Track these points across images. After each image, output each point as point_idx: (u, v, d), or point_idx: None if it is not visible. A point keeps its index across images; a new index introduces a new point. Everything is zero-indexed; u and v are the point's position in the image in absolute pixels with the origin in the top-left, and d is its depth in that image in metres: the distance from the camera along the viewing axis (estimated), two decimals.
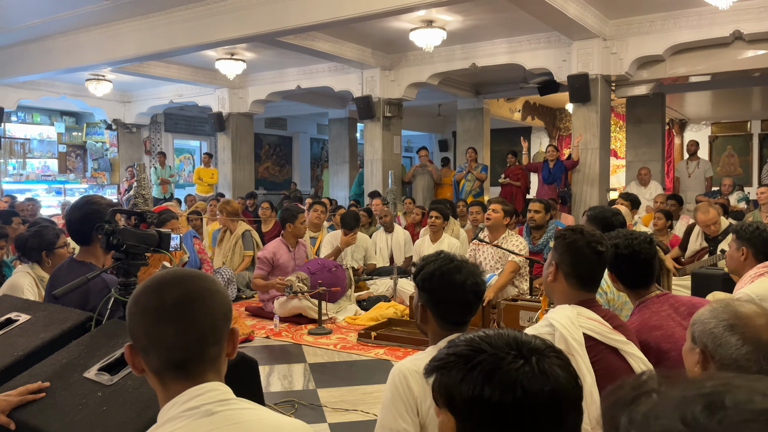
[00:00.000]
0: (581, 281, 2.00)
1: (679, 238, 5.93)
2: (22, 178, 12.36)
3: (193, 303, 1.15)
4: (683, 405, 0.52)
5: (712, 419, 0.49)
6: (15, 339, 2.27)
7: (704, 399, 0.52)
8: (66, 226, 2.91)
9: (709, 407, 0.51)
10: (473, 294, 1.79)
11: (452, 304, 1.79)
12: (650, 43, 7.83)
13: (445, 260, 1.82)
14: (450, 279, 1.77)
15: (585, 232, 2.02)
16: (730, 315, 1.35)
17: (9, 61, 9.80)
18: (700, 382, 0.55)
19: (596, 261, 2.00)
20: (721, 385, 0.53)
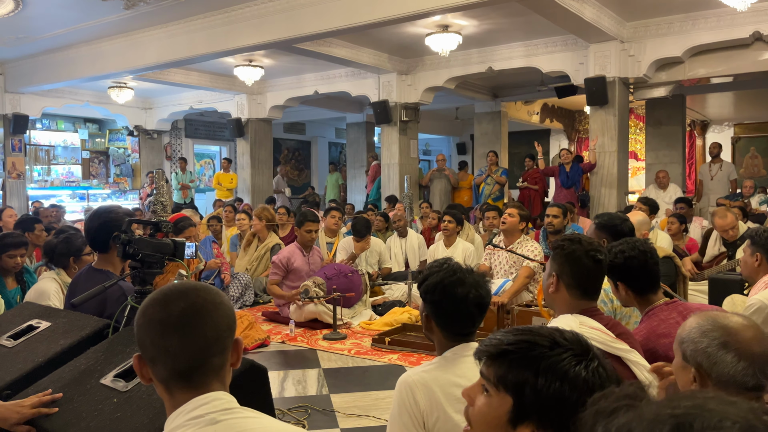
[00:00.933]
0: (582, 290, 2.01)
1: (696, 241, 5.87)
2: (47, 184, 12.62)
3: (197, 315, 1.19)
4: (654, 423, 0.53)
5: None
6: (36, 345, 2.34)
7: (675, 420, 0.52)
8: (84, 235, 2.99)
9: (676, 429, 0.51)
10: (476, 307, 1.79)
11: (454, 317, 1.78)
12: (669, 45, 7.75)
13: (447, 272, 1.81)
14: (452, 292, 1.77)
15: (583, 241, 2.03)
16: (720, 332, 1.34)
17: (34, 70, 10.03)
18: (677, 402, 0.55)
19: (596, 269, 2.00)
20: (695, 407, 0.54)
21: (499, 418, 1.03)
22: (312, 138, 16.95)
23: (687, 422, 0.52)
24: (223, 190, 12.27)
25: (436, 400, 1.67)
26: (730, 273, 4.63)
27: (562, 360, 1.01)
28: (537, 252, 4.98)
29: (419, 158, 11.56)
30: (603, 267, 2.03)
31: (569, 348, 1.03)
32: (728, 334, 1.34)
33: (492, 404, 1.04)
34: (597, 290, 2.05)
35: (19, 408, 1.84)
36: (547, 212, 5.58)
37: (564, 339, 1.04)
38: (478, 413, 1.07)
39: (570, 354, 1.02)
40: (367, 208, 9.63)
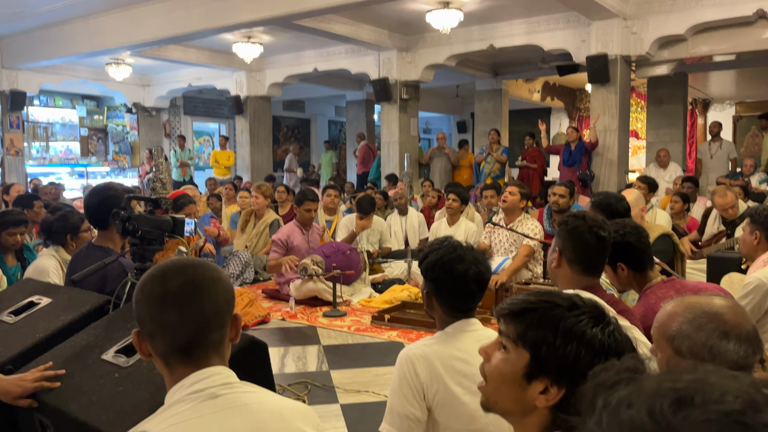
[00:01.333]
0: (584, 267, 2.02)
1: (697, 220, 5.87)
2: (46, 161, 12.60)
3: (195, 290, 1.19)
4: (655, 397, 0.53)
5: (677, 415, 0.51)
6: (37, 321, 2.35)
7: (675, 393, 0.53)
8: (84, 212, 2.99)
9: (677, 402, 0.52)
10: (475, 283, 1.80)
11: (455, 293, 1.80)
12: (672, 23, 7.68)
13: (447, 249, 1.82)
14: (451, 269, 1.78)
15: (587, 217, 2.03)
16: (715, 323, 1.32)
17: (31, 46, 9.94)
18: (678, 375, 0.56)
19: (599, 246, 2.01)
20: (696, 381, 0.54)
21: (515, 372, 1.08)
22: (311, 116, 16.87)
23: (688, 396, 0.52)
24: (221, 167, 12.25)
25: (436, 372, 1.70)
26: (728, 251, 4.64)
27: (579, 321, 1.05)
28: (537, 230, 4.99)
29: (419, 137, 11.51)
30: (606, 244, 2.03)
31: (587, 311, 1.07)
32: (722, 322, 1.32)
33: (509, 359, 1.09)
34: (599, 267, 2.06)
35: (21, 382, 1.86)
36: (554, 191, 5.55)
37: (582, 302, 1.09)
38: (494, 368, 1.13)
39: (587, 316, 1.06)
40: (367, 186, 9.61)
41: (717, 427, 0.49)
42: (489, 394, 1.15)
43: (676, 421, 0.50)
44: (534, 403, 1.07)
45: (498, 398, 1.13)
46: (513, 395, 1.09)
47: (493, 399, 1.14)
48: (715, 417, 0.50)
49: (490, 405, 1.16)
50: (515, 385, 1.09)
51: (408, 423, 1.70)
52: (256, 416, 1.18)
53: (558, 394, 1.05)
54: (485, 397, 1.16)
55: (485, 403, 1.17)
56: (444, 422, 1.70)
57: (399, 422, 1.71)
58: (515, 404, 1.10)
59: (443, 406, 1.69)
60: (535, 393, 1.06)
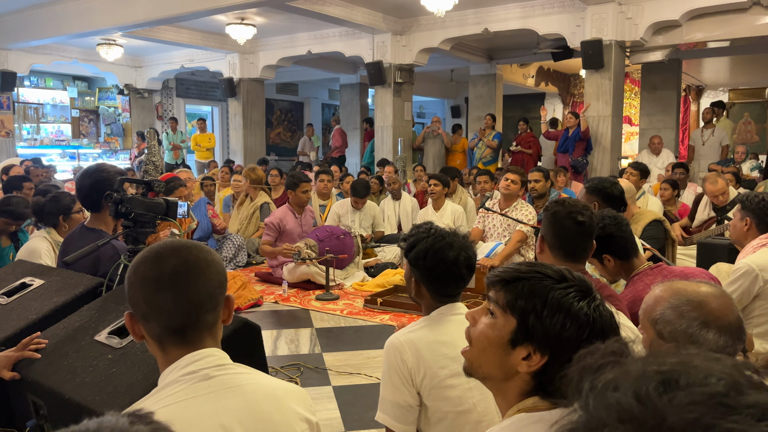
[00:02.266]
0: (565, 252, 2.04)
1: (688, 206, 5.91)
2: (37, 143, 12.48)
3: (190, 272, 1.19)
4: (640, 380, 0.54)
5: (663, 397, 0.51)
6: (29, 303, 2.35)
7: (661, 376, 0.53)
8: (76, 194, 2.98)
9: (662, 385, 0.52)
10: (466, 268, 1.83)
11: (446, 279, 1.82)
12: (666, 8, 7.66)
13: (436, 237, 1.84)
14: (443, 256, 1.80)
15: (566, 203, 2.05)
16: (697, 312, 1.34)
17: (20, 26, 9.80)
18: (663, 358, 0.56)
19: (578, 232, 2.03)
20: (680, 363, 0.55)
21: (501, 337, 1.12)
22: (305, 99, 16.77)
23: (672, 378, 0.53)
24: (203, 150, 12.18)
25: (422, 358, 1.72)
26: (718, 237, 4.67)
27: (567, 294, 1.08)
28: (531, 216, 5.01)
29: (413, 121, 11.47)
30: (586, 229, 2.05)
31: (575, 284, 1.10)
32: (705, 312, 1.34)
33: (496, 324, 1.13)
34: (581, 252, 2.08)
35: (4, 353, 1.88)
36: (529, 177, 5.61)
37: (572, 276, 1.13)
38: (480, 332, 1.16)
39: (575, 289, 1.09)
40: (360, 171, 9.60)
41: (702, 408, 0.50)
42: (473, 358, 1.18)
43: (662, 403, 0.51)
44: (516, 368, 1.10)
45: (482, 362, 1.16)
46: (497, 360, 1.13)
47: (476, 362, 1.17)
48: (700, 399, 0.51)
49: (473, 369, 1.18)
50: (500, 349, 1.12)
51: (401, 410, 1.72)
52: (249, 397, 1.19)
53: (540, 361, 1.08)
54: (468, 361, 1.19)
55: (468, 367, 1.19)
56: (433, 405, 1.72)
57: (393, 410, 1.73)
58: (498, 369, 1.13)
59: (431, 390, 1.72)
60: (518, 359, 1.10)
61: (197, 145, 12.26)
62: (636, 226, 3.58)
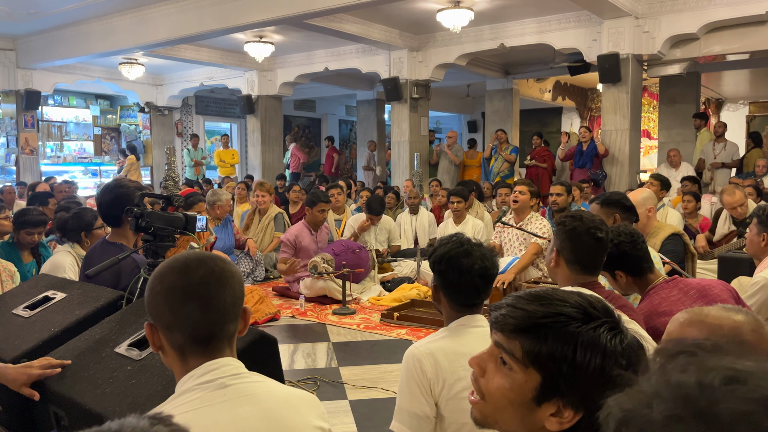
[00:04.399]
0: (582, 266, 2.04)
1: (709, 219, 5.84)
2: (60, 160, 12.73)
3: (217, 282, 1.22)
4: (710, 370, 0.55)
5: (724, 388, 0.53)
6: (52, 315, 2.40)
7: (731, 372, 0.54)
8: (97, 209, 3.04)
9: (729, 379, 0.54)
10: (481, 278, 1.82)
11: (461, 287, 1.83)
12: (684, 21, 7.64)
13: (455, 244, 1.86)
14: (458, 263, 1.81)
15: (584, 218, 2.05)
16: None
17: (46, 46, 10.06)
18: (742, 360, 0.57)
19: (596, 246, 2.03)
20: (756, 367, 0.56)
21: (523, 395, 0.96)
22: (322, 115, 16.91)
23: (741, 377, 0.54)
24: (227, 166, 12.31)
25: (441, 369, 1.72)
26: (739, 251, 4.62)
27: (599, 334, 0.94)
28: (546, 229, 4.99)
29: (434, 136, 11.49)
30: (604, 244, 2.04)
31: (602, 319, 0.96)
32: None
33: (515, 381, 0.97)
34: (597, 266, 2.08)
35: (26, 369, 1.90)
36: (551, 190, 5.60)
37: (594, 309, 0.97)
38: (496, 389, 1.00)
39: (606, 327, 0.95)
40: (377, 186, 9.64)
41: (755, 406, 0.51)
42: (488, 414, 1.02)
43: (721, 393, 0.52)
44: (543, 424, 0.95)
45: (499, 419, 1.00)
46: (518, 417, 0.98)
47: (492, 419, 1.01)
48: (758, 397, 0.51)
49: (488, 424, 1.02)
50: (522, 408, 0.96)
51: (418, 420, 1.72)
52: (264, 405, 1.21)
53: (575, 417, 0.93)
54: (482, 414, 1.02)
55: (482, 420, 1.03)
56: (449, 417, 1.72)
57: (409, 420, 1.73)
58: (520, 426, 0.98)
59: (448, 401, 1.71)
60: (545, 415, 0.95)
61: (221, 161, 12.40)
62: (655, 240, 3.56)
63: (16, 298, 2.60)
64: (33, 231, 3.96)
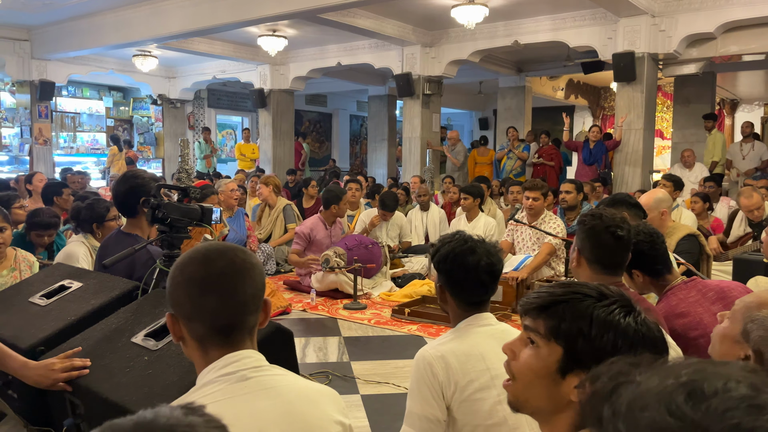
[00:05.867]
0: (603, 266, 2.00)
1: (721, 221, 5.79)
2: (73, 151, 12.81)
3: (237, 273, 1.22)
4: (665, 395, 0.54)
5: (698, 409, 0.51)
6: (68, 304, 2.41)
7: (684, 388, 0.54)
8: (112, 200, 3.05)
9: (691, 396, 0.53)
10: (487, 274, 1.80)
11: (467, 285, 1.80)
12: (701, 20, 7.56)
13: (459, 242, 1.83)
14: (463, 260, 1.79)
15: (604, 216, 2.00)
16: None
17: (60, 37, 10.10)
18: (676, 370, 0.56)
19: (616, 245, 1.99)
20: (696, 372, 0.55)
21: (548, 367, 1.05)
22: (333, 110, 16.91)
23: (697, 388, 0.53)
24: (246, 160, 12.33)
25: (452, 371, 1.70)
26: (755, 254, 4.57)
27: (612, 311, 1.03)
28: (560, 229, 4.96)
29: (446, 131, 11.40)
30: (625, 242, 2.00)
31: (617, 300, 1.05)
32: None
33: (540, 355, 1.06)
34: (619, 266, 2.04)
35: (49, 372, 1.89)
36: (561, 188, 5.55)
37: (610, 291, 1.07)
38: (524, 365, 1.09)
39: (618, 305, 1.04)
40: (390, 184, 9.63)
41: (738, 413, 0.50)
42: (519, 392, 1.10)
43: (699, 415, 0.51)
44: (569, 397, 1.03)
45: (529, 395, 1.08)
46: (546, 391, 1.06)
47: (523, 397, 1.10)
48: (733, 404, 0.51)
49: (520, 404, 1.11)
50: (548, 380, 1.05)
51: (429, 424, 1.70)
52: (284, 398, 1.20)
53: None
54: (514, 396, 1.11)
55: (514, 402, 1.12)
56: (462, 419, 1.70)
57: (420, 424, 1.71)
58: (548, 401, 1.06)
59: (461, 404, 1.70)
60: (569, 388, 1.03)
61: (241, 154, 12.42)
62: (670, 240, 3.53)
63: (32, 286, 2.62)
64: (43, 233, 3.99)
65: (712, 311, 2.09)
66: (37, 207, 4.52)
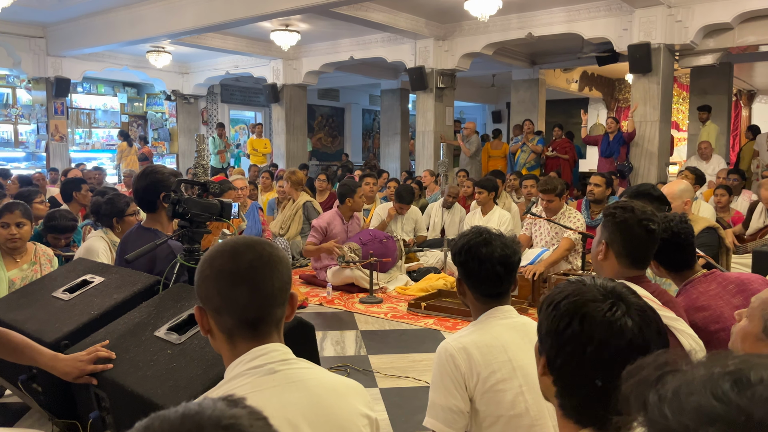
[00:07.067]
0: (632, 260, 1.98)
1: (742, 214, 5.73)
2: (88, 147, 12.92)
3: (265, 266, 1.23)
4: (711, 382, 0.55)
5: (743, 395, 0.53)
6: (91, 299, 2.44)
7: (730, 376, 0.55)
8: (132, 195, 3.07)
9: (737, 384, 0.54)
10: (501, 266, 1.80)
11: (482, 277, 1.81)
12: (718, 11, 7.47)
13: (474, 234, 1.85)
14: (477, 252, 1.80)
15: (636, 209, 1.98)
16: None
17: (75, 34, 10.18)
18: (723, 360, 0.58)
19: (648, 239, 1.97)
20: (742, 362, 0.57)
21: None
22: (346, 105, 16.91)
23: (744, 377, 0.55)
24: (259, 155, 12.37)
25: (475, 363, 1.71)
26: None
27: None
28: (579, 223, 4.93)
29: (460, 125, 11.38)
30: (655, 236, 1.98)
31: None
32: None
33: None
34: (647, 259, 2.03)
35: (78, 363, 1.92)
36: (590, 180, 5.52)
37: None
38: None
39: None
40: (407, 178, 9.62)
41: None
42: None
43: (744, 400, 0.53)
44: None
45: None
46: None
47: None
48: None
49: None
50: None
51: (452, 415, 1.71)
52: (312, 391, 1.21)
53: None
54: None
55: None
56: (485, 410, 1.71)
57: (443, 415, 1.72)
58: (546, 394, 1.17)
59: (483, 394, 1.70)
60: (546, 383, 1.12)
61: (253, 149, 12.47)
62: None
63: (55, 281, 2.65)
64: (60, 237, 4.03)
65: (732, 304, 2.07)
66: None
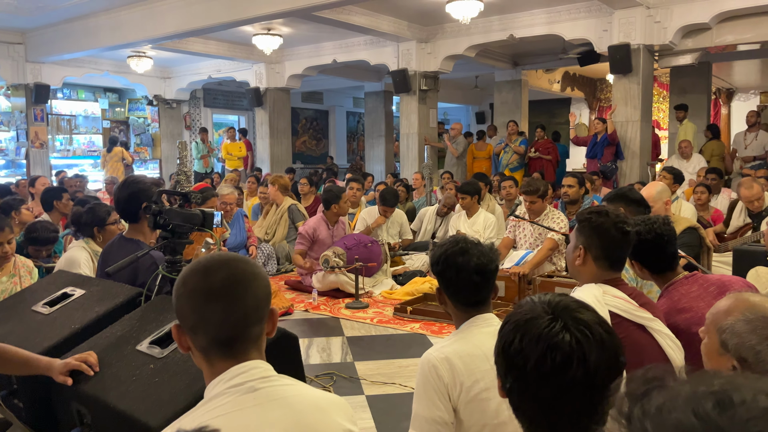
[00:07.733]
0: (611, 262, 2.01)
1: (721, 212, 5.80)
2: (69, 153, 12.76)
3: (238, 284, 1.21)
4: (694, 400, 0.56)
5: (723, 416, 0.54)
6: (72, 312, 2.40)
7: (714, 396, 0.56)
8: (114, 205, 3.04)
9: (719, 404, 0.55)
10: (478, 275, 1.81)
11: (458, 285, 1.82)
12: (696, 11, 7.56)
13: (451, 243, 1.86)
14: (454, 261, 1.81)
15: (610, 213, 2.02)
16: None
17: (54, 39, 10.06)
18: (709, 380, 0.59)
19: (624, 241, 2.01)
20: (728, 383, 0.58)
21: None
22: (330, 107, 16.89)
23: (726, 397, 0.55)
24: (234, 159, 12.31)
25: (458, 373, 1.71)
26: (754, 245, 4.58)
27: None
28: (563, 224, 4.96)
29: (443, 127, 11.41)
30: (630, 238, 2.03)
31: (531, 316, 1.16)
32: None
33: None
34: (623, 261, 2.07)
35: (66, 360, 1.93)
36: (563, 182, 5.54)
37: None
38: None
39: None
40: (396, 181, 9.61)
41: (761, 422, 0.52)
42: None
43: (724, 421, 0.53)
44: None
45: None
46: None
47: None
48: (758, 414, 0.53)
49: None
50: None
51: (436, 426, 1.70)
52: (294, 409, 1.20)
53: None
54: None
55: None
56: (469, 420, 1.71)
57: (427, 427, 1.71)
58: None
59: (467, 404, 1.70)
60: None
61: (228, 153, 12.40)
62: None
63: (35, 294, 2.62)
64: (41, 248, 3.99)
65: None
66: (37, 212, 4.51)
